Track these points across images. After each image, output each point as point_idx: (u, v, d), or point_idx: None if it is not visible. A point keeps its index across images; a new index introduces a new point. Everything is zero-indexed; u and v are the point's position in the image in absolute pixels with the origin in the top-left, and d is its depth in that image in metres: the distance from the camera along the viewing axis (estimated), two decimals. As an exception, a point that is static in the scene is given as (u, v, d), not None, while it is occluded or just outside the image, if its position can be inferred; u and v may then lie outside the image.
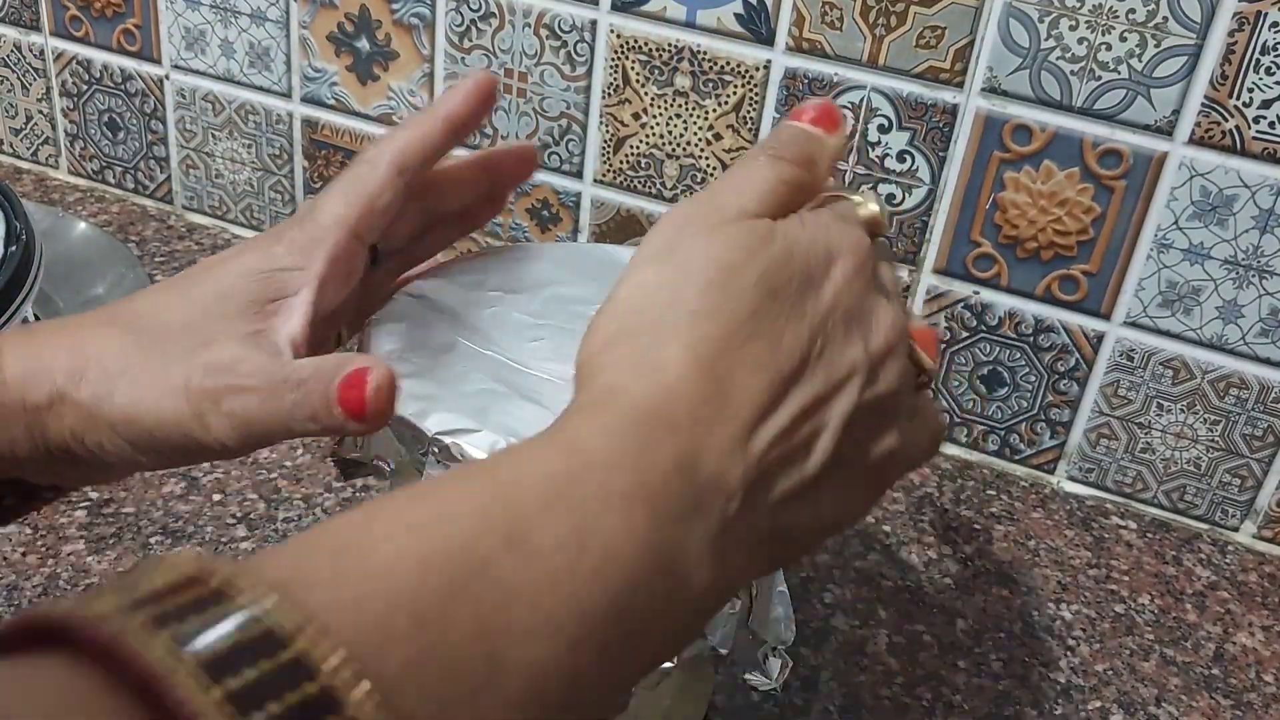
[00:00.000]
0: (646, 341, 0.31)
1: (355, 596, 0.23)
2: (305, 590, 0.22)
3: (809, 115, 0.36)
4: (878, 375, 0.32)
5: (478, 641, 0.24)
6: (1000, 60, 0.58)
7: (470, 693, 0.23)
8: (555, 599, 0.25)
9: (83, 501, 0.56)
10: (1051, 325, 0.62)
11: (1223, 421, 0.61)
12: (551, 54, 0.66)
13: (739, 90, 0.63)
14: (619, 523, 0.27)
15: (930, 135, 0.60)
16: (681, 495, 0.28)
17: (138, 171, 0.81)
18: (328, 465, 0.59)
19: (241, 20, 0.73)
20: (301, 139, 0.75)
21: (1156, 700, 0.52)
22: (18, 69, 0.81)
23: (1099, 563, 0.60)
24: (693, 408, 0.29)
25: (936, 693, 0.51)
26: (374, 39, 0.70)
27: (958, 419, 0.66)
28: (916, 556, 0.59)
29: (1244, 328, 0.59)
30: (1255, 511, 0.62)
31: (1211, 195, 0.57)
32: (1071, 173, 0.58)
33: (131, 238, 0.78)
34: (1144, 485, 0.64)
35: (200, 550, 0.53)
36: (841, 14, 0.59)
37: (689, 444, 0.29)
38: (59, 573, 0.52)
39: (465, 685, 0.23)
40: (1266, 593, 0.60)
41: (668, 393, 0.29)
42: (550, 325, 0.43)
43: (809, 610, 0.54)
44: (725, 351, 0.30)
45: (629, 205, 0.68)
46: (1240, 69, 0.54)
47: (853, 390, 0.32)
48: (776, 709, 0.49)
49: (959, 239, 0.62)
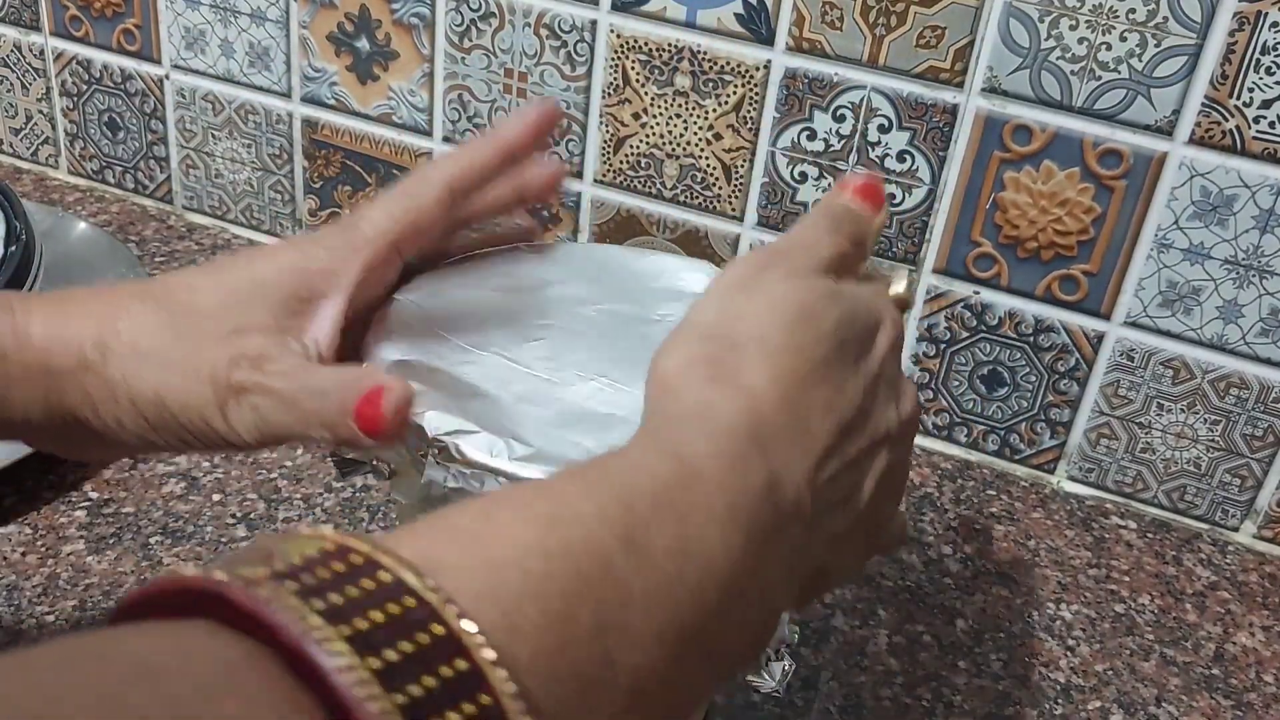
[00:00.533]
0: (734, 366, 0.32)
1: (486, 584, 0.23)
2: (437, 574, 0.22)
3: (856, 188, 0.37)
4: (900, 442, 0.35)
5: (596, 639, 0.24)
6: (1000, 60, 0.57)
7: (586, 689, 0.24)
8: (664, 606, 0.26)
9: (83, 501, 0.56)
10: (1052, 325, 0.62)
11: (1223, 421, 0.61)
12: (551, 54, 0.66)
13: (739, 90, 0.63)
14: (717, 537, 0.28)
15: (930, 135, 0.60)
16: (768, 517, 0.29)
17: (138, 171, 0.81)
18: (328, 465, 0.59)
19: (241, 20, 0.73)
20: (301, 139, 0.75)
21: (1156, 700, 0.52)
22: (18, 69, 0.81)
23: (1099, 563, 0.60)
24: (778, 434, 0.31)
25: (936, 693, 0.51)
26: (374, 39, 0.70)
27: (958, 419, 0.66)
28: (916, 556, 0.59)
29: (1244, 328, 0.59)
30: (1255, 511, 0.62)
31: (1211, 195, 0.57)
32: (1072, 173, 0.58)
33: (131, 238, 0.78)
34: (1144, 485, 0.64)
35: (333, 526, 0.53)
36: (841, 14, 0.59)
37: (775, 468, 0.30)
38: (59, 573, 0.52)
39: (583, 681, 0.24)
40: (1266, 593, 0.60)
41: (759, 417, 0.31)
42: (550, 325, 0.43)
43: (809, 610, 0.54)
44: (804, 388, 0.32)
45: (629, 205, 0.68)
46: (1240, 69, 0.54)
47: (886, 450, 0.34)
48: (776, 709, 0.49)
49: (959, 239, 0.62)
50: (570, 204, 0.70)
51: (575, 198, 0.69)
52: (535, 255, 0.48)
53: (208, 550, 0.54)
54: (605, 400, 0.39)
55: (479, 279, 0.46)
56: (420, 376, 0.39)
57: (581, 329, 0.43)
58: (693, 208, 0.67)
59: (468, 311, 0.43)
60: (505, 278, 0.46)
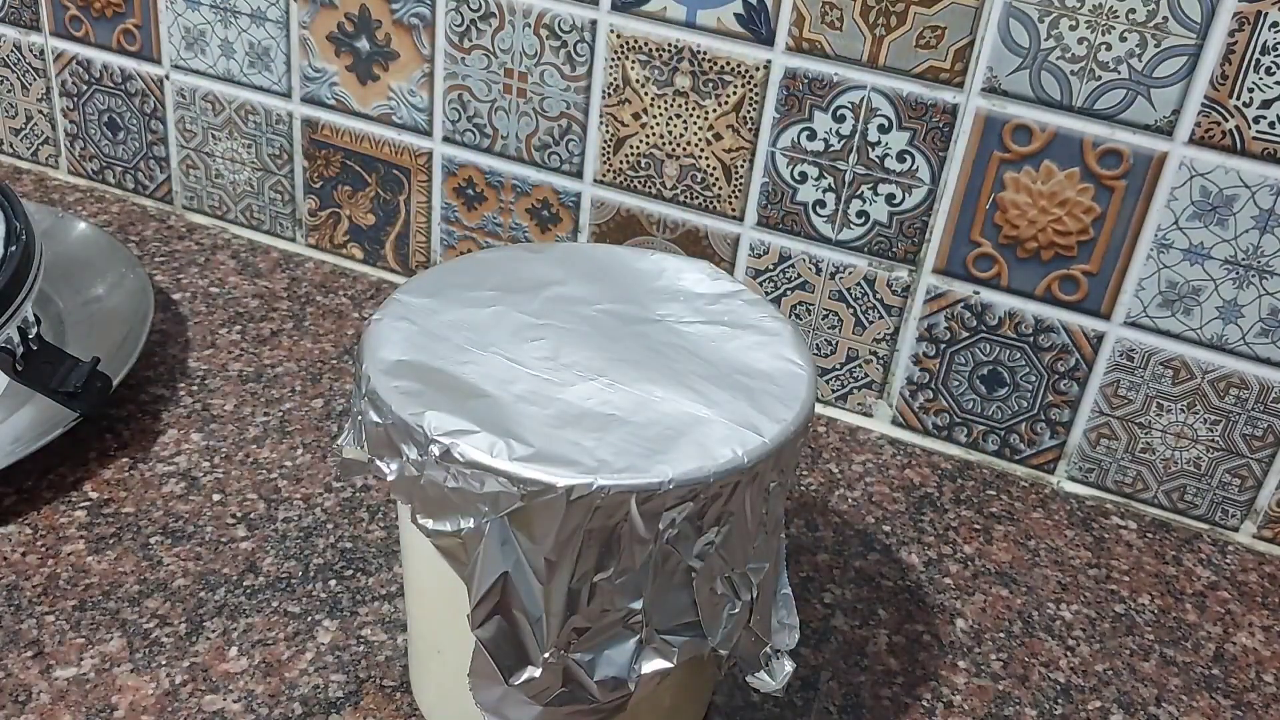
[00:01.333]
0: None
1: None
2: None
3: None
4: None
5: None
6: (1000, 60, 0.58)
7: None
8: None
9: (83, 501, 0.56)
10: (1051, 325, 0.62)
11: (1223, 421, 0.61)
12: (551, 54, 0.66)
13: (739, 90, 0.63)
14: None
15: (930, 135, 0.60)
16: None
17: (138, 171, 0.81)
18: (328, 465, 0.59)
19: (241, 20, 0.73)
20: (301, 139, 0.75)
21: (1156, 700, 0.52)
22: (18, 69, 0.81)
23: (1099, 563, 0.60)
24: None
25: (936, 693, 0.51)
26: (374, 39, 0.70)
27: (958, 419, 0.66)
28: (916, 556, 0.59)
29: (1244, 328, 0.59)
30: (1255, 511, 0.62)
31: (1211, 195, 0.57)
32: (1071, 173, 0.58)
33: (131, 238, 0.78)
34: (1144, 485, 0.64)
35: None
36: (841, 14, 0.59)
37: None
38: (59, 573, 0.52)
39: None
40: (1266, 593, 0.60)
41: None
42: (550, 325, 0.43)
43: (809, 610, 0.54)
44: None
45: (629, 205, 0.68)
46: (1240, 69, 0.54)
47: None
48: (776, 709, 0.49)
49: (959, 239, 0.62)
50: (570, 204, 0.70)
51: (575, 198, 0.69)
52: (535, 255, 0.48)
53: (207, 550, 0.54)
54: (605, 400, 0.39)
55: (479, 279, 0.46)
56: (420, 376, 0.39)
57: (581, 329, 0.43)
58: (693, 208, 0.67)
59: (467, 311, 0.44)
60: (505, 278, 0.46)
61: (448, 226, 0.74)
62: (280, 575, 0.53)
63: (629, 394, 0.40)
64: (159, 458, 0.59)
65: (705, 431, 0.38)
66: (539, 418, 0.38)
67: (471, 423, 0.37)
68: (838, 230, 0.64)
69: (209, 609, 0.51)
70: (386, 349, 0.41)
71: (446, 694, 0.44)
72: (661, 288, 0.47)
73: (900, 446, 0.67)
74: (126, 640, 0.49)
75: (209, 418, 0.62)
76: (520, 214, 0.71)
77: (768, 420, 0.39)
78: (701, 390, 0.40)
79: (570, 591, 0.37)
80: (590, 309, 0.45)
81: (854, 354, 0.67)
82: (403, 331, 0.42)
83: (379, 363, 0.40)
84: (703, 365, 0.42)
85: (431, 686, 0.46)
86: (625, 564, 0.37)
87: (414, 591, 0.44)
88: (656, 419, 0.39)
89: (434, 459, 0.37)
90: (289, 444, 0.61)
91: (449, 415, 0.37)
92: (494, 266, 0.47)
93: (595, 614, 0.37)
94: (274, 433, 0.61)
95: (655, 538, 0.37)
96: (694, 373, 0.41)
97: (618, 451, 0.37)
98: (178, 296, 0.72)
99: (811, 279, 0.66)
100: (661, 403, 0.39)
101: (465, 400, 0.38)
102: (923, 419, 0.67)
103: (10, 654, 0.48)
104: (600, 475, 0.36)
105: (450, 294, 0.44)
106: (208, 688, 0.47)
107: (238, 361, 0.67)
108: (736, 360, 0.42)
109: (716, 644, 0.39)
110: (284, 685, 0.48)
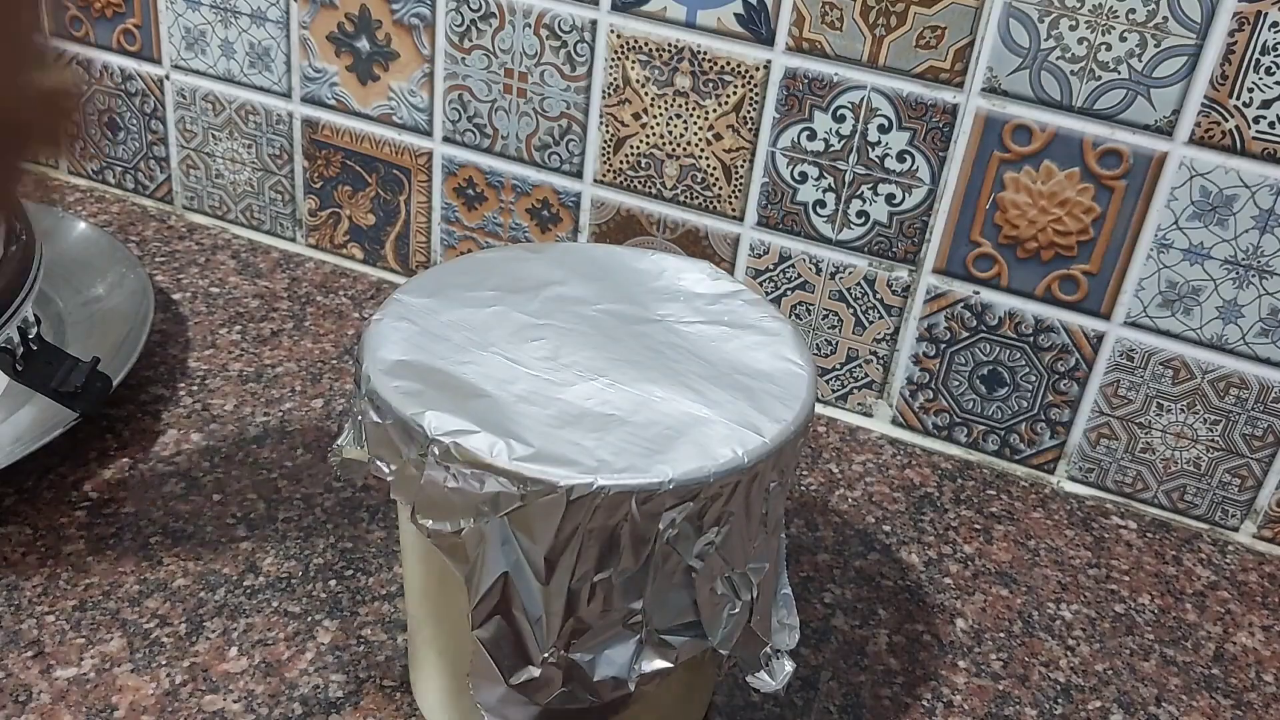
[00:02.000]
0: None
1: None
2: None
3: None
4: None
5: None
6: (1000, 60, 0.58)
7: None
8: None
9: (83, 502, 0.56)
10: (1051, 325, 0.62)
11: (1223, 421, 0.61)
12: (551, 54, 0.66)
13: (739, 90, 0.63)
14: None
15: (930, 135, 0.60)
16: None
17: (138, 171, 0.81)
18: (328, 465, 0.59)
19: (241, 20, 0.73)
20: (301, 139, 0.75)
21: (1156, 700, 0.52)
22: (18, 69, 0.81)
23: (1099, 563, 0.60)
24: None
25: (936, 692, 0.51)
26: (374, 39, 0.70)
27: (958, 419, 0.66)
28: (916, 556, 0.59)
29: (1244, 328, 0.59)
30: (1255, 511, 0.62)
31: (1211, 195, 0.57)
32: (1071, 173, 0.58)
33: (131, 238, 0.78)
34: (1144, 485, 0.64)
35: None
36: (841, 14, 0.59)
37: None
38: (59, 573, 0.52)
39: None
40: (1266, 593, 0.60)
41: None
42: (550, 325, 0.43)
43: (809, 610, 0.54)
44: None
45: (629, 205, 0.68)
46: (1240, 69, 0.54)
47: None
48: (776, 709, 0.49)
49: (959, 239, 0.62)
50: (570, 204, 0.70)
51: (575, 198, 0.69)
52: (535, 255, 0.48)
53: (207, 550, 0.54)
54: (605, 400, 0.39)
55: (479, 279, 0.46)
56: (420, 376, 0.39)
57: (581, 329, 0.43)
58: (693, 208, 0.67)
59: (467, 311, 0.44)
60: (505, 278, 0.46)
61: (448, 226, 0.74)
62: (280, 575, 0.53)
63: (629, 394, 0.40)
64: (159, 458, 0.59)
65: (705, 431, 0.38)
66: (539, 418, 0.38)
67: (471, 423, 0.37)
68: (838, 230, 0.64)
69: (209, 609, 0.51)
70: (386, 349, 0.41)
71: (446, 694, 0.44)
72: (661, 288, 0.47)
73: (900, 446, 0.67)
74: (126, 640, 0.49)
75: (209, 418, 0.62)
76: (520, 214, 0.71)
77: (768, 420, 0.39)
78: (701, 390, 0.40)
79: (570, 591, 0.37)
80: (590, 309, 0.45)
81: (854, 354, 0.67)
82: (403, 331, 0.42)
83: (379, 363, 0.40)
84: (703, 365, 0.42)
85: (431, 686, 0.46)
86: (625, 564, 0.37)
87: (414, 591, 0.44)
88: (656, 419, 0.39)
89: (434, 459, 0.37)
90: (289, 444, 0.61)
91: (449, 415, 0.37)
92: (494, 266, 0.47)
93: (595, 614, 0.37)
94: (274, 433, 0.61)
95: (655, 538, 0.37)
96: (694, 373, 0.41)
97: (618, 451, 0.37)
98: (178, 296, 0.72)
99: (811, 279, 0.66)
100: (661, 403, 0.39)
101: (465, 400, 0.38)
102: (923, 419, 0.67)
103: (10, 654, 0.48)
104: (600, 475, 0.36)
105: (450, 294, 0.44)
106: (208, 688, 0.47)
107: (238, 361, 0.67)
108: (736, 360, 0.42)
109: (716, 644, 0.39)
110: (284, 685, 0.48)
